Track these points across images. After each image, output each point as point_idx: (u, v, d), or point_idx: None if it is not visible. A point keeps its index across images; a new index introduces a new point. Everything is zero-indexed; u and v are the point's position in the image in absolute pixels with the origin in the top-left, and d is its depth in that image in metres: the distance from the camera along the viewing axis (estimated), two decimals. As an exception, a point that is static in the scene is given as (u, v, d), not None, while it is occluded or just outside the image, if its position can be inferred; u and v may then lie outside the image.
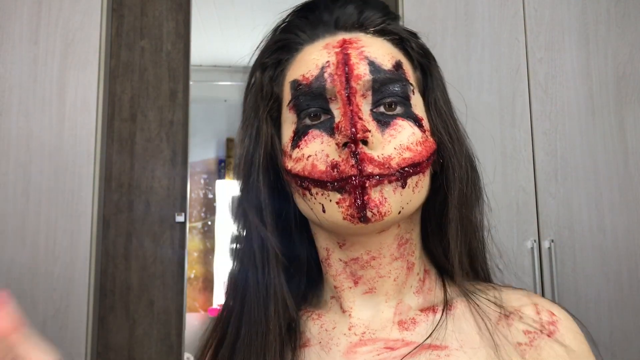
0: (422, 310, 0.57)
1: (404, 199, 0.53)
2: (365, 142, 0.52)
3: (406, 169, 0.53)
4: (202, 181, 4.21)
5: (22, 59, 1.88)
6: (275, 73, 0.60)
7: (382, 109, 0.55)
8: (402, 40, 0.60)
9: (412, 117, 0.55)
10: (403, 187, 0.53)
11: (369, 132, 0.52)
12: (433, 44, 0.66)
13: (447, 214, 0.57)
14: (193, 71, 2.23)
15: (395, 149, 0.53)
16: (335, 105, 0.55)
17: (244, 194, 0.60)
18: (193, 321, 3.67)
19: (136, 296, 2.01)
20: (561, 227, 1.79)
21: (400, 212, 0.53)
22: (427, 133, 0.56)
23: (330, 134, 0.54)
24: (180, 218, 2.07)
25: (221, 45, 3.77)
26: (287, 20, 0.63)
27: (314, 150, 0.54)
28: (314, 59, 0.57)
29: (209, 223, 4.17)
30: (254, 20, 3.32)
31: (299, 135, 0.56)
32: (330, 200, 0.53)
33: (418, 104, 0.58)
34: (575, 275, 1.75)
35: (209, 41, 3.66)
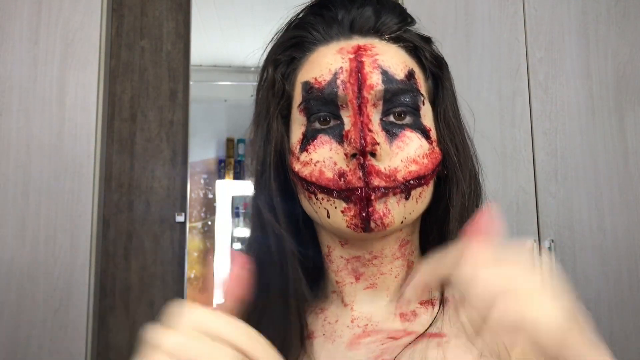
0: (421, 304, 0.59)
1: (407, 210, 0.55)
2: (374, 154, 0.53)
3: (411, 182, 0.54)
4: (202, 181, 4.21)
5: (22, 59, 1.88)
6: (287, 70, 0.60)
7: (391, 118, 0.56)
8: (416, 49, 0.60)
9: (420, 128, 0.56)
10: (407, 198, 0.55)
11: (377, 145, 0.53)
12: (433, 44, 0.66)
13: (448, 225, 0.59)
14: (193, 71, 2.23)
15: (402, 161, 0.54)
16: (345, 113, 0.55)
17: (257, 192, 0.61)
18: (193, 321, 3.66)
19: (136, 296, 2.01)
20: (561, 227, 1.79)
21: (402, 222, 0.55)
22: (434, 144, 0.57)
23: (339, 142, 0.55)
24: (180, 218, 2.07)
25: (221, 45, 3.77)
26: (301, 16, 0.62)
27: (322, 157, 0.55)
28: (327, 63, 0.57)
29: (209, 223, 4.17)
30: (254, 20, 3.32)
31: (308, 138, 0.56)
32: (336, 208, 0.54)
33: (427, 113, 0.58)
34: (575, 275, 1.75)
35: (209, 41, 3.66)
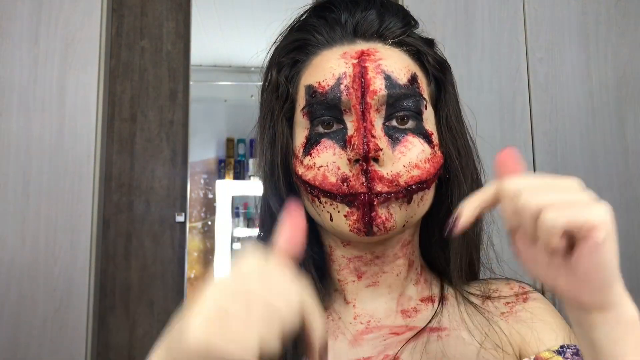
0: (422, 300, 0.61)
1: (408, 213, 0.56)
2: (376, 160, 0.54)
3: (413, 186, 0.55)
4: (202, 181, 4.21)
5: (22, 59, 1.88)
6: (291, 73, 0.61)
7: (394, 122, 0.56)
8: (419, 53, 0.60)
9: (422, 132, 0.57)
10: (409, 202, 0.55)
11: (380, 151, 0.53)
12: (433, 44, 0.66)
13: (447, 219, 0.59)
14: (193, 71, 2.23)
15: (404, 166, 0.55)
16: (349, 118, 0.56)
17: (267, 192, 0.61)
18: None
19: (136, 296, 2.01)
20: (561, 227, 1.79)
21: (404, 226, 0.56)
22: (435, 148, 0.58)
23: (342, 147, 0.55)
24: (180, 218, 2.07)
25: (221, 45, 3.77)
26: (304, 18, 0.63)
27: (326, 161, 0.56)
28: (330, 68, 0.57)
29: (209, 223, 4.17)
30: (254, 20, 3.32)
31: (312, 142, 0.57)
32: (339, 212, 0.55)
33: (430, 117, 0.59)
34: (575, 275, 1.75)
35: (209, 41, 3.66)
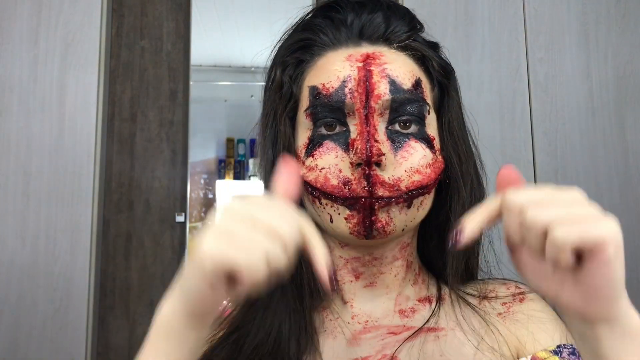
0: (419, 300, 0.61)
1: (408, 217, 0.56)
2: (379, 164, 0.54)
3: (414, 191, 0.55)
4: (202, 181, 4.21)
5: (22, 59, 1.88)
6: (295, 73, 0.61)
7: (397, 126, 0.56)
8: (424, 57, 0.60)
9: (424, 137, 0.57)
10: (409, 207, 0.56)
11: (383, 156, 0.53)
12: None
13: (448, 232, 0.59)
14: (193, 71, 2.23)
15: (405, 171, 0.55)
16: (352, 121, 0.56)
17: (269, 192, 0.61)
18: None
19: (136, 296, 2.01)
20: (561, 227, 1.79)
21: (403, 229, 0.56)
22: (437, 153, 0.58)
23: (345, 149, 0.55)
24: (180, 218, 2.07)
25: (221, 45, 3.77)
26: (309, 17, 0.63)
27: (328, 164, 0.56)
28: (335, 70, 0.57)
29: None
30: (254, 20, 3.32)
31: (314, 144, 0.57)
32: (339, 214, 0.55)
33: (432, 122, 0.59)
34: (575, 275, 1.75)
35: (209, 41, 3.66)
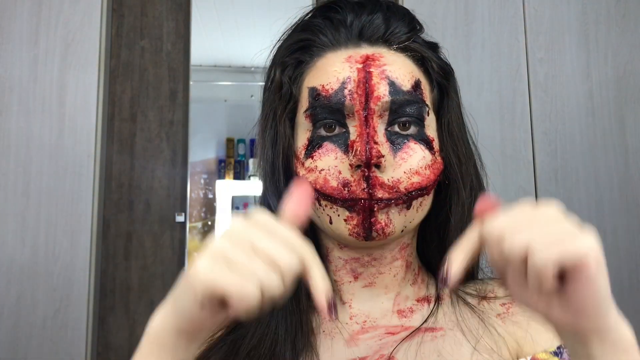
0: (418, 300, 0.61)
1: (407, 219, 0.56)
2: (378, 166, 0.54)
3: (413, 193, 0.55)
4: (202, 181, 4.21)
5: (22, 59, 1.88)
6: (294, 74, 0.61)
7: (396, 128, 0.56)
8: (424, 59, 0.60)
9: (423, 139, 0.57)
10: (408, 208, 0.56)
11: (382, 158, 0.53)
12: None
13: (448, 233, 0.60)
14: (193, 71, 2.23)
15: (405, 172, 0.55)
16: (351, 122, 0.56)
17: (268, 192, 0.61)
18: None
19: (136, 296, 2.01)
20: (561, 227, 1.79)
21: (403, 230, 0.56)
22: (436, 154, 0.58)
23: (344, 151, 0.55)
24: (180, 218, 2.07)
25: (221, 45, 3.77)
26: (308, 18, 0.62)
27: (327, 165, 0.56)
28: (335, 71, 0.57)
29: (209, 223, 4.17)
30: (254, 20, 3.32)
31: (313, 145, 0.57)
32: (339, 216, 0.55)
33: (431, 124, 0.59)
34: (575, 275, 1.75)
35: (209, 41, 3.66)
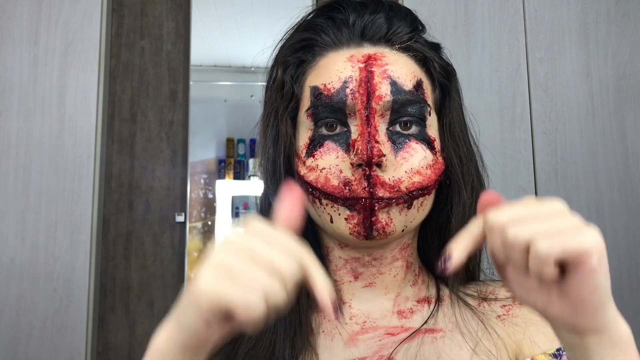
0: (418, 301, 0.61)
1: (408, 218, 0.56)
2: (379, 165, 0.54)
3: (414, 192, 0.55)
4: (202, 181, 4.21)
5: (22, 59, 1.88)
6: (296, 73, 0.61)
7: (397, 127, 0.56)
8: (425, 59, 0.60)
9: (425, 139, 0.57)
10: (409, 208, 0.56)
11: (383, 157, 0.53)
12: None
13: (449, 233, 0.60)
14: (193, 71, 2.23)
15: (406, 172, 0.55)
16: (353, 121, 0.56)
17: (269, 191, 0.61)
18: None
19: (136, 296, 2.01)
20: (561, 227, 1.79)
21: (403, 230, 0.56)
22: (437, 154, 0.58)
23: (346, 150, 0.55)
24: (180, 218, 2.07)
25: (221, 45, 3.77)
26: (310, 17, 0.62)
27: (328, 164, 0.56)
28: (337, 70, 0.57)
29: (209, 223, 4.17)
30: (254, 20, 3.32)
31: (315, 144, 0.57)
32: (339, 215, 0.55)
33: (433, 124, 0.59)
34: (575, 275, 1.75)
35: (209, 41, 3.66)
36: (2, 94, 1.86)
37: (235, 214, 4.19)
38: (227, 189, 4.16)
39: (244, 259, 0.38)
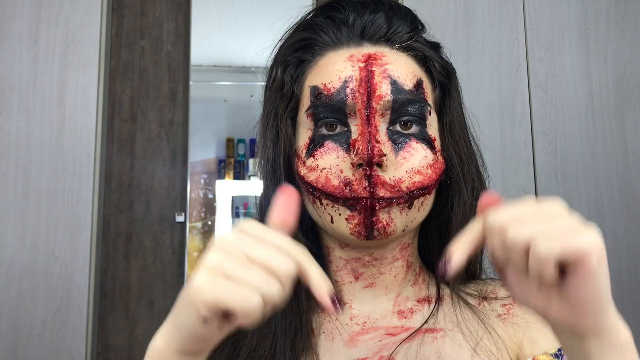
0: (418, 301, 0.61)
1: (409, 218, 0.56)
2: (380, 165, 0.54)
3: (414, 192, 0.55)
4: (202, 181, 4.21)
5: (22, 59, 1.88)
6: (296, 72, 0.61)
7: (398, 127, 0.56)
8: (426, 58, 0.60)
9: (425, 138, 0.57)
10: (409, 207, 0.56)
11: (384, 157, 0.53)
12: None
13: (450, 233, 0.60)
14: (193, 71, 2.23)
15: (406, 172, 0.55)
16: (353, 121, 0.56)
17: (269, 191, 0.61)
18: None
19: (136, 296, 2.01)
20: (561, 227, 1.79)
21: (404, 230, 0.56)
22: (438, 154, 0.58)
23: (346, 150, 0.55)
24: (180, 218, 2.07)
25: (221, 45, 3.77)
26: (310, 17, 0.62)
27: (329, 164, 0.55)
28: (337, 70, 0.57)
29: (209, 223, 4.17)
30: (254, 20, 3.32)
31: (315, 144, 0.57)
32: (340, 215, 0.55)
33: (433, 123, 0.59)
34: (575, 275, 1.75)
35: (209, 41, 3.66)
36: (2, 94, 1.86)
37: (235, 214, 4.19)
38: (227, 189, 4.16)
39: (239, 258, 0.38)
